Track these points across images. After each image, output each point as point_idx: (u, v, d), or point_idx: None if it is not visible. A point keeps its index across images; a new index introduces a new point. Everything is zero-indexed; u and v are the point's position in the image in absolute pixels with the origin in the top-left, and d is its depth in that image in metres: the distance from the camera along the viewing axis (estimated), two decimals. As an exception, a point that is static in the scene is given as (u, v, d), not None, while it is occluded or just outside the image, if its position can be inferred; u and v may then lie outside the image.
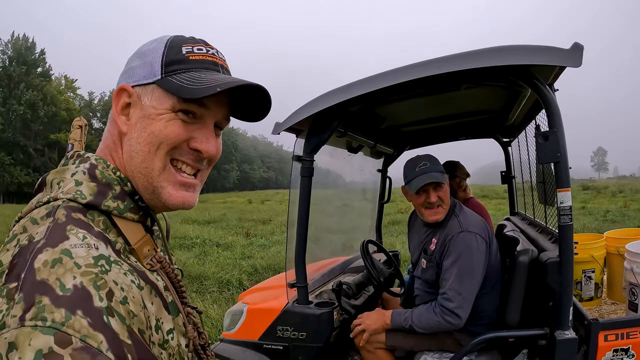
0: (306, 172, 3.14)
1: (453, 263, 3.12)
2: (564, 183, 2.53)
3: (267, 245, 14.75)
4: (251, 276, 10.22)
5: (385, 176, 5.28)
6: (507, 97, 3.70)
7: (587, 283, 4.61)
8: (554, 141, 2.48)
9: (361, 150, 4.44)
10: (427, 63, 2.58)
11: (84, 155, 1.12)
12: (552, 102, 2.53)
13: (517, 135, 4.66)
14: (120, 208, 1.07)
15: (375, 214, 5.38)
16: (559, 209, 2.55)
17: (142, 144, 1.09)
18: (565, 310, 2.57)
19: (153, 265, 1.12)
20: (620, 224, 16.32)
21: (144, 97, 1.10)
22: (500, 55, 2.43)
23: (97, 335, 0.82)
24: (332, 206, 5.00)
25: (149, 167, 1.10)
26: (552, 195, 3.04)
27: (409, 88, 2.74)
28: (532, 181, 4.14)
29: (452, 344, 3.24)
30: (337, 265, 4.39)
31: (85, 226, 0.98)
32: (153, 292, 1.06)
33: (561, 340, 2.54)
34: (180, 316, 1.14)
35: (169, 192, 1.12)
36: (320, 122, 3.12)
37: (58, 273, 0.84)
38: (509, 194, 5.56)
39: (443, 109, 4.10)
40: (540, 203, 3.69)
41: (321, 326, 3.17)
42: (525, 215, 4.87)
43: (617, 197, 35.28)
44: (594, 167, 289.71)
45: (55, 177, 1.08)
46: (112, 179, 1.09)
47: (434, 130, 4.92)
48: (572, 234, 2.58)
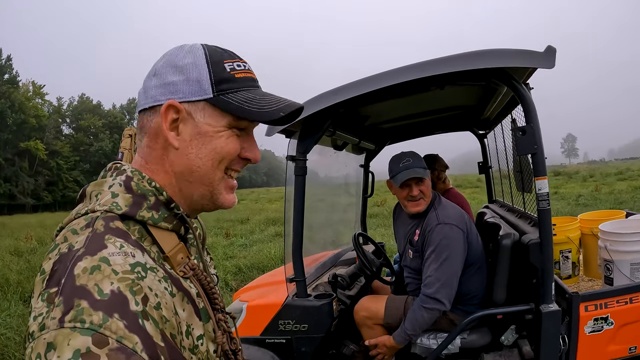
0: (300, 171, 3.29)
1: (431, 253, 3.35)
2: (541, 172, 2.76)
3: (248, 244, 14.75)
4: (236, 276, 10.25)
5: (368, 171, 5.45)
6: (483, 93, 3.90)
7: (565, 262, 4.83)
8: (531, 135, 2.71)
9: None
10: (414, 67, 2.78)
11: (120, 167, 1.16)
12: (528, 99, 2.77)
13: (493, 128, 4.85)
14: (154, 218, 1.11)
15: (359, 208, 5.55)
16: (538, 195, 2.78)
17: (204, 159, 1.15)
18: (548, 286, 2.80)
19: (186, 272, 1.15)
20: (592, 207, 16.50)
21: (196, 114, 1.14)
22: (481, 59, 2.64)
23: (133, 337, 0.86)
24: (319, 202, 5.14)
25: (211, 178, 1.18)
26: (529, 182, 3.27)
27: (397, 89, 2.91)
28: (509, 170, 4.34)
29: (446, 323, 3.43)
30: (329, 259, 4.53)
31: (123, 235, 1.03)
32: (185, 299, 1.10)
33: (546, 312, 2.76)
34: (211, 322, 1.18)
35: (225, 196, 1.22)
36: (312, 124, 3.27)
37: (96, 279, 0.89)
38: (486, 183, 5.77)
39: (423, 105, 4.28)
40: (518, 190, 3.90)
41: (322, 317, 3.31)
42: (504, 202, 5.07)
43: (588, 181, 35.66)
44: (564, 153, 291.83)
45: (94, 189, 1.13)
46: (147, 190, 1.13)
47: (414, 125, 5.09)
48: (550, 217, 2.82)
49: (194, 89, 1.13)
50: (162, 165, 1.17)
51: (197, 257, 1.27)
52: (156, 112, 1.15)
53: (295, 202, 3.35)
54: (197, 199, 1.21)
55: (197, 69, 1.14)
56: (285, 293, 3.50)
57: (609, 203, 17.83)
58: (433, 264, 3.31)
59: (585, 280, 5.17)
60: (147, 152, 1.19)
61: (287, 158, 3.36)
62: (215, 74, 1.14)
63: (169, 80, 1.14)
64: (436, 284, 3.26)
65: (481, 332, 3.41)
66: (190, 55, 1.15)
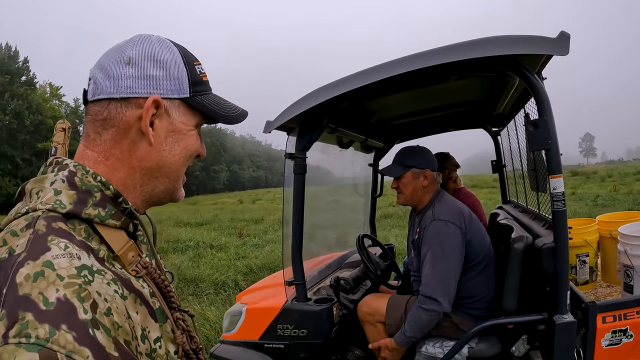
0: (299, 169, 3.17)
1: (427, 251, 3.27)
2: (555, 169, 2.55)
3: (260, 244, 14.76)
4: (246, 276, 10.23)
5: (377, 170, 5.31)
6: (495, 87, 3.72)
7: (582, 267, 4.66)
8: (544, 129, 2.50)
9: (352, 146, 4.46)
10: (416, 56, 2.59)
11: (62, 162, 1.11)
12: (540, 90, 2.56)
13: (506, 125, 4.69)
14: (101, 215, 1.06)
15: (368, 208, 5.42)
16: (552, 195, 2.58)
17: (176, 156, 1.17)
18: (563, 295, 2.59)
19: (138, 271, 1.11)
20: (611, 208, 16.34)
21: (172, 112, 1.15)
22: (489, 46, 2.44)
23: (83, 350, 0.81)
24: (325, 202, 5.01)
25: (178, 174, 1.21)
26: (544, 182, 3.08)
27: (399, 82, 2.76)
28: (523, 169, 4.17)
29: (449, 326, 3.31)
30: (334, 261, 4.42)
31: (67, 235, 0.97)
32: (138, 300, 1.05)
33: (560, 324, 2.56)
34: (169, 322, 1.14)
35: (181, 191, 1.26)
36: (311, 119, 3.14)
37: (41, 287, 0.83)
38: (500, 182, 5.60)
39: (432, 101, 4.12)
40: (532, 190, 3.72)
41: (321, 322, 3.21)
42: (518, 203, 4.90)
43: (606, 181, 35.42)
44: (582, 152, 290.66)
45: (34, 186, 1.07)
46: (92, 185, 1.07)
47: (424, 122, 4.95)
48: (566, 219, 2.61)
49: (174, 87, 1.14)
50: (128, 161, 1.13)
51: (149, 254, 1.24)
52: (131, 104, 1.10)
53: (295, 202, 3.23)
54: (158, 193, 1.20)
55: (177, 67, 1.15)
56: (284, 296, 3.40)
57: (627, 204, 17.71)
58: (429, 262, 3.22)
59: (603, 286, 5.00)
60: (110, 146, 1.12)
61: (285, 156, 3.24)
62: (191, 75, 1.17)
63: (150, 74, 1.11)
64: (432, 283, 3.15)
65: (490, 342, 3.24)
66: (167, 51, 1.15)
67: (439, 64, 2.52)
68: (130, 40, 1.15)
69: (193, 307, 7.45)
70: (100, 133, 1.12)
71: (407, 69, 2.59)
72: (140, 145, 1.12)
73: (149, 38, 1.15)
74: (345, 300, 3.55)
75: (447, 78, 2.79)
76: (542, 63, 2.74)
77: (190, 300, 8.19)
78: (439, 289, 3.11)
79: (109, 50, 1.16)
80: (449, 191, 4.69)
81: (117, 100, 1.10)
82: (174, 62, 1.14)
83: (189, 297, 8.56)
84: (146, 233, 1.23)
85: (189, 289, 9.17)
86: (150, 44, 1.14)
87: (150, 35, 1.17)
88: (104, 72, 1.11)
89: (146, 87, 1.10)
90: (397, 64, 2.63)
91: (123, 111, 1.10)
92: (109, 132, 1.12)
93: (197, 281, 9.61)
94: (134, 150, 1.13)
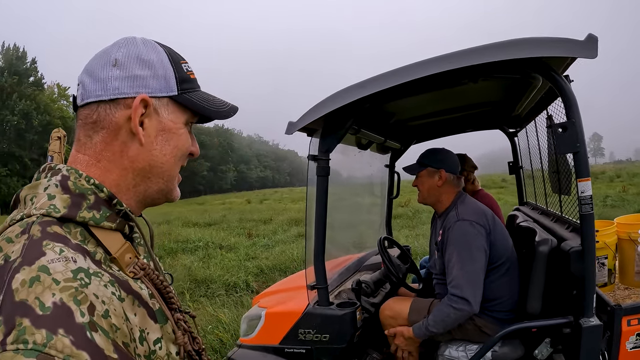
0: (322, 171, 3.14)
1: (452, 252, 3.26)
2: (583, 173, 2.55)
3: (270, 245, 14.76)
4: (257, 277, 10.23)
5: (393, 171, 5.31)
6: (514, 88, 3.70)
7: (601, 269, 4.62)
8: (573, 132, 2.49)
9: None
10: (447, 57, 2.57)
11: (55, 167, 1.11)
12: (569, 92, 2.55)
13: (525, 126, 4.67)
14: (96, 218, 1.06)
15: (384, 209, 5.41)
16: (580, 199, 2.56)
17: (167, 155, 1.17)
18: (590, 298, 2.59)
19: (136, 272, 1.11)
20: (620, 208, 16.33)
21: (161, 110, 1.15)
22: (518, 49, 2.43)
23: (81, 354, 0.81)
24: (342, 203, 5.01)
25: (171, 174, 1.21)
26: (567, 184, 3.07)
27: (427, 83, 2.75)
28: (544, 171, 4.15)
29: (473, 329, 3.30)
30: (352, 264, 4.39)
31: (62, 239, 0.97)
32: (136, 302, 1.06)
33: (587, 327, 2.55)
34: (169, 323, 1.14)
35: (176, 190, 1.26)
36: (335, 121, 3.13)
37: (37, 292, 0.83)
38: (517, 184, 5.57)
39: (450, 102, 4.11)
40: (554, 192, 3.70)
41: (344, 327, 3.18)
42: (536, 205, 4.88)
43: (615, 182, 35.27)
44: (590, 152, 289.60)
45: (28, 192, 1.07)
46: (85, 188, 1.08)
47: (440, 123, 4.93)
48: (594, 223, 2.61)
49: (161, 85, 1.15)
50: (120, 162, 1.14)
51: (146, 256, 1.25)
52: (119, 105, 1.11)
53: (318, 204, 3.20)
54: (152, 194, 1.21)
55: (163, 65, 1.16)
56: (305, 300, 3.36)
57: (637, 204, 17.71)
58: (457, 263, 3.21)
59: (621, 289, 4.96)
60: (101, 148, 1.13)
61: (308, 157, 3.22)
62: (178, 73, 1.18)
63: (136, 74, 1.12)
64: (462, 283, 3.14)
65: (513, 345, 3.22)
66: (153, 52, 1.16)
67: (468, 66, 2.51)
68: (115, 43, 1.16)
69: (206, 308, 7.46)
70: (91, 136, 1.13)
71: (437, 70, 2.57)
72: (131, 145, 1.13)
73: (133, 40, 1.16)
74: (366, 304, 3.54)
75: (474, 79, 2.78)
76: (565, 65, 2.72)
77: (202, 301, 8.18)
78: (469, 290, 3.11)
79: (95, 55, 1.17)
80: (467, 192, 4.67)
81: (105, 102, 1.10)
82: (160, 61, 1.15)
83: (201, 298, 8.56)
84: (142, 235, 1.24)
85: (200, 290, 9.16)
86: (135, 46, 1.14)
87: (134, 37, 1.18)
88: (91, 76, 1.12)
89: (134, 87, 1.11)
90: (426, 65, 2.62)
91: (112, 112, 1.11)
92: (99, 135, 1.12)
93: (208, 282, 9.61)
94: (125, 151, 1.13)
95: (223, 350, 5.67)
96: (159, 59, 1.15)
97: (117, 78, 1.10)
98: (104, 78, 1.10)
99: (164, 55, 1.17)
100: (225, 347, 5.73)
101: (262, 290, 8.95)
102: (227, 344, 5.87)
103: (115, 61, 1.11)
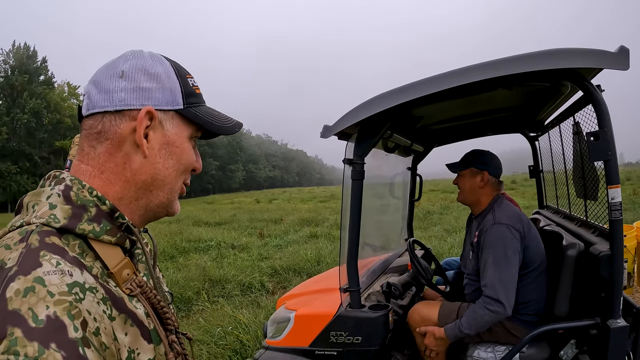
0: (357, 175, 3.18)
1: (488, 254, 3.30)
2: (614, 180, 2.61)
3: (282, 245, 14.79)
4: (272, 277, 10.25)
5: (415, 174, 5.39)
6: (538, 94, 3.76)
7: (621, 273, 4.71)
8: (605, 140, 2.56)
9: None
10: (487, 65, 2.65)
11: (59, 176, 1.10)
12: (601, 102, 2.62)
13: (548, 131, 4.73)
14: (96, 231, 1.05)
15: (406, 211, 5.48)
16: (610, 205, 2.64)
17: (170, 169, 1.18)
18: (617, 300, 2.67)
19: (132, 289, 1.10)
20: (631, 212, 16.29)
21: (166, 123, 1.16)
22: (555, 59, 2.50)
23: None
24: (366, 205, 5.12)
25: (173, 187, 1.21)
26: (593, 190, 3.15)
27: (461, 89, 2.80)
28: (568, 175, 4.21)
29: (502, 332, 3.36)
30: (377, 266, 4.42)
31: (60, 251, 0.96)
32: (129, 321, 1.04)
33: (615, 328, 2.63)
34: (162, 344, 1.12)
35: (177, 204, 1.26)
36: (371, 126, 3.18)
37: (30, 302, 0.83)
38: (537, 187, 5.62)
39: (474, 107, 4.17)
40: (578, 197, 3.77)
41: (377, 329, 3.21)
42: (558, 209, 4.94)
43: (624, 184, 35.00)
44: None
45: (31, 199, 1.06)
46: (87, 200, 1.07)
47: (463, 127, 5.00)
48: (622, 228, 2.68)
49: (168, 98, 1.15)
50: (122, 174, 1.14)
51: (146, 273, 1.24)
52: (124, 116, 1.11)
53: (352, 207, 3.23)
54: (153, 208, 1.21)
55: (170, 79, 1.16)
56: (335, 302, 3.39)
57: (647, 208, 17.46)
58: (492, 266, 3.26)
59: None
60: (105, 159, 1.13)
61: (344, 161, 3.26)
62: (184, 87, 1.19)
63: (143, 86, 1.12)
64: (497, 285, 3.20)
65: (540, 347, 3.29)
66: (159, 65, 1.16)
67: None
68: (122, 56, 1.17)
69: (224, 309, 7.45)
70: (95, 147, 1.13)
71: (476, 78, 2.65)
72: (134, 158, 1.13)
73: (140, 53, 1.17)
74: (395, 306, 3.58)
75: (509, 87, 2.85)
76: (595, 73, 2.80)
77: (220, 302, 8.19)
78: (504, 293, 3.16)
79: (102, 66, 1.16)
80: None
81: (111, 113, 1.10)
82: (166, 74, 1.16)
83: (219, 298, 8.57)
84: (145, 251, 1.21)
85: (216, 290, 9.19)
86: (142, 59, 1.15)
87: (141, 50, 1.18)
88: (97, 87, 1.12)
89: (140, 99, 1.11)
90: (465, 73, 2.68)
91: (117, 124, 1.11)
92: (103, 146, 1.12)
93: (223, 282, 9.62)
94: (128, 163, 1.13)
95: (243, 352, 5.65)
96: (166, 72, 1.16)
97: (124, 89, 1.11)
98: (110, 89, 1.10)
99: (171, 69, 1.17)
100: (245, 348, 5.72)
101: (278, 290, 9.02)
102: (247, 344, 5.84)
103: (122, 73, 1.11)
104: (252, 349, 5.64)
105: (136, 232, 1.15)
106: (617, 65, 2.47)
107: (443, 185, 46.80)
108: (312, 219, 21.43)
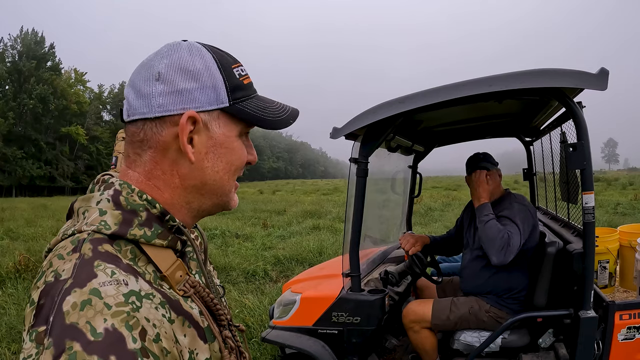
0: (362, 173, 3.49)
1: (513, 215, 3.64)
2: (588, 187, 2.95)
3: (285, 236, 14.95)
4: (275, 266, 10.45)
5: (416, 172, 5.67)
6: (532, 104, 4.06)
7: (602, 272, 5.00)
8: (581, 151, 2.89)
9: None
10: (481, 81, 2.98)
11: (108, 180, 1.08)
12: (580, 118, 2.96)
13: (541, 137, 4.99)
14: (147, 235, 1.02)
15: (405, 207, 5.76)
16: (584, 209, 2.98)
17: (220, 172, 1.11)
18: (588, 293, 3.00)
19: (186, 290, 1.07)
20: (631, 216, 16.27)
21: (212, 124, 1.07)
22: (539, 78, 2.84)
23: None
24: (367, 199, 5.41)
25: (226, 189, 1.14)
26: (575, 194, 3.49)
27: (457, 100, 3.11)
28: (555, 180, 4.51)
29: (489, 319, 3.67)
30: (377, 256, 4.72)
31: (114, 259, 0.95)
32: (186, 322, 1.02)
33: (585, 318, 2.95)
34: (217, 341, 1.10)
35: (235, 200, 1.20)
36: (376, 130, 3.48)
37: (88, 316, 0.81)
38: (530, 189, 5.91)
39: (474, 112, 4.46)
40: (562, 201, 4.09)
41: (374, 311, 3.52)
42: (547, 210, 5.24)
43: (627, 189, 34.81)
44: (605, 158, 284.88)
45: (81, 205, 1.04)
46: (137, 204, 1.03)
47: (463, 130, 5.27)
48: (594, 230, 3.01)
49: (210, 98, 1.06)
50: (171, 181, 1.09)
51: (198, 271, 1.20)
52: (165, 122, 1.04)
53: (356, 202, 3.53)
54: (207, 208, 1.17)
55: (211, 74, 1.06)
56: (337, 286, 3.69)
57: (648, 213, 17.47)
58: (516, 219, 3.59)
59: (620, 291, 5.33)
60: (151, 167, 1.08)
61: (350, 160, 3.55)
62: (229, 81, 1.08)
63: (181, 87, 1.04)
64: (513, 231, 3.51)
65: (520, 333, 3.61)
66: (199, 59, 1.06)
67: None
68: (158, 52, 1.08)
69: (231, 294, 7.73)
70: (140, 154, 1.08)
71: (470, 92, 2.99)
72: (181, 164, 1.07)
73: (177, 47, 1.07)
74: (391, 293, 3.86)
75: (500, 100, 3.18)
76: (578, 90, 3.09)
77: (227, 287, 8.37)
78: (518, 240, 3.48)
79: (139, 66, 1.09)
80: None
81: (151, 120, 1.04)
82: (207, 70, 1.06)
83: (225, 284, 8.77)
84: (195, 249, 1.16)
85: (221, 277, 9.35)
86: (179, 54, 1.05)
87: (179, 43, 1.09)
88: (135, 91, 1.05)
89: (179, 103, 1.03)
90: (461, 87, 3.02)
91: (159, 131, 1.04)
92: (147, 154, 1.07)
93: (228, 269, 9.84)
94: (175, 169, 1.08)
95: (249, 334, 5.93)
96: (206, 67, 1.05)
97: (161, 94, 1.03)
98: (147, 94, 1.03)
99: (212, 62, 1.07)
100: (251, 331, 6.01)
101: (281, 279, 9.27)
102: (252, 326, 6.15)
103: (159, 75, 1.03)
104: (258, 330, 5.94)
105: (187, 232, 1.11)
106: (595, 86, 2.79)
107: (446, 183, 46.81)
108: (315, 211, 21.52)
